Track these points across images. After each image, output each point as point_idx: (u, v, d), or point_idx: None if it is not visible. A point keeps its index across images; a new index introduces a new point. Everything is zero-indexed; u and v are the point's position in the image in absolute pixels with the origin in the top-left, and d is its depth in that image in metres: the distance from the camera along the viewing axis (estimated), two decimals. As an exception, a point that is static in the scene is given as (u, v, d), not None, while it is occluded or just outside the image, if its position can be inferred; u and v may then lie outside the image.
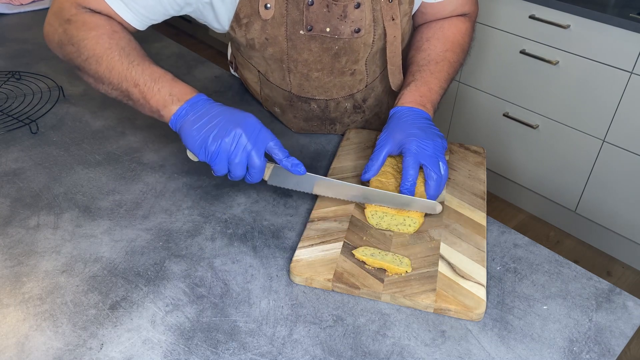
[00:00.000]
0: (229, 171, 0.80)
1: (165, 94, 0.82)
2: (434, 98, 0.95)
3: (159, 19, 0.91)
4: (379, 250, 0.78)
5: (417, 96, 0.93)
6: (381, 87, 1.09)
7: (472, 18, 1.09)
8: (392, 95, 1.14)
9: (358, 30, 0.93)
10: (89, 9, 0.88)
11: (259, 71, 1.05)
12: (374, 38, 0.96)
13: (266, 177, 0.83)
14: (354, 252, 0.78)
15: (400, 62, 1.02)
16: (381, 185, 0.87)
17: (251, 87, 1.14)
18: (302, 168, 0.81)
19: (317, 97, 1.03)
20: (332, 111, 1.07)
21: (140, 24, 0.91)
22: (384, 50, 1.01)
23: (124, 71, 0.84)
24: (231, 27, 0.94)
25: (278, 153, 0.80)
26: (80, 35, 0.86)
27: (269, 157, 0.82)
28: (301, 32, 0.92)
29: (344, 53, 0.96)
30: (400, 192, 0.83)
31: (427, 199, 0.84)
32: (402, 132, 0.88)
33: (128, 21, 0.89)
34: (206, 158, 0.79)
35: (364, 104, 1.08)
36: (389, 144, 0.88)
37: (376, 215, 0.83)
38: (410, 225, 0.82)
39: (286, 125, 1.12)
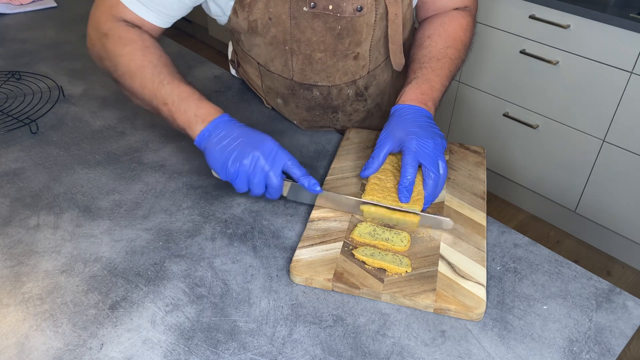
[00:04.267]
0: (249, 189, 0.84)
1: (191, 114, 0.85)
2: (435, 96, 0.95)
3: (178, 14, 0.96)
4: (379, 250, 0.78)
5: (419, 94, 0.93)
6: (383, 77, 1.09)
7: (472, 12, 1.09)
8: (394, 87, 1.14)
9: (360, 9, 0.94)
10: (123, 19, 0.92)
11: (258, 63, 1.06)
12: (375, 18, 0.97)
13: (285, 193, 0.87)
14: (354, 252, 0.78)
15: (402, 41, 1.03)
16: (380, 182, 0.87)
17: (253, 81, 1.14)
18: (319, 187, 0.84)
19: (319, 83, 1.04)
20: (334, 98, 1.07)
21: (164, 23, 0.96)
22: (386, 38, 1.01)
23: (154, 89, 0.88)
24: (233, 10, 0.96)
25: (296, 172, 0.84)
26: (116, 51, 0.90)
27: (288, 174, 0.85)
28: (304, 9, 0.93)
29: (347, 34, 0.97)
30: (398, 190, 0.84)
31: (425, 197, 0.84)
32: (402, 130, 0.88)
33: (153, 22, 0.94)
34: (227, 178, 0.83)
35: (366, 91, 1.08)
36: (389, 142, 0.88)
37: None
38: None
39: (288, 118, 1.13)
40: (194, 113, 0.85)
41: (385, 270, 0.76)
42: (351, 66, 1.02)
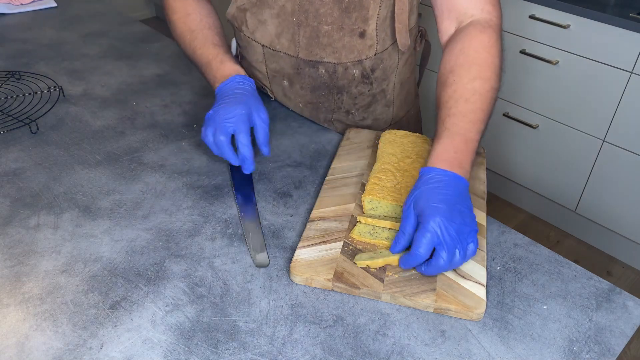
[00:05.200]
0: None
1: (211, 78, 0.99)
2: (471, 148, 0.81)
3: None
4: (379, 250, 0.78)
5: (452, 153, 0.80)
6: (390, 62, 1.09)
7: (493, 23, 0.95)
8: (400, 76, 1.13)
9: None
10: None
11: (263, 46, 1.07)
12: None
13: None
14: (355, 261, 0.76)
15: (407, 22, 1.02)
16: (379, 182, 0.87)
17: (256, 69, 1.15)
18: (251, 167, 0.91)
19: (325, 60, 1.04)
20: (339, 77, 1.07)
21: None
22: (393, 19, 1.01)
23: (190, 54, 1.04)
24: None
25: (240, 144, 0.90)
26: (169, 18, 1.08)
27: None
28: None
29: (354, 8, 0.98)
30: (392, 248, 0.76)
31: (420, 270, 0.74)
32: (425, 201, 0.74)
33: None
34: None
35: (372, 74, 1.08)
36: (412, 214, 0.75)
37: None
38: None
39: (293, 104, 1.14)
40: (213, 77, 0.98)
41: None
42: (357, 44, 1.02)
